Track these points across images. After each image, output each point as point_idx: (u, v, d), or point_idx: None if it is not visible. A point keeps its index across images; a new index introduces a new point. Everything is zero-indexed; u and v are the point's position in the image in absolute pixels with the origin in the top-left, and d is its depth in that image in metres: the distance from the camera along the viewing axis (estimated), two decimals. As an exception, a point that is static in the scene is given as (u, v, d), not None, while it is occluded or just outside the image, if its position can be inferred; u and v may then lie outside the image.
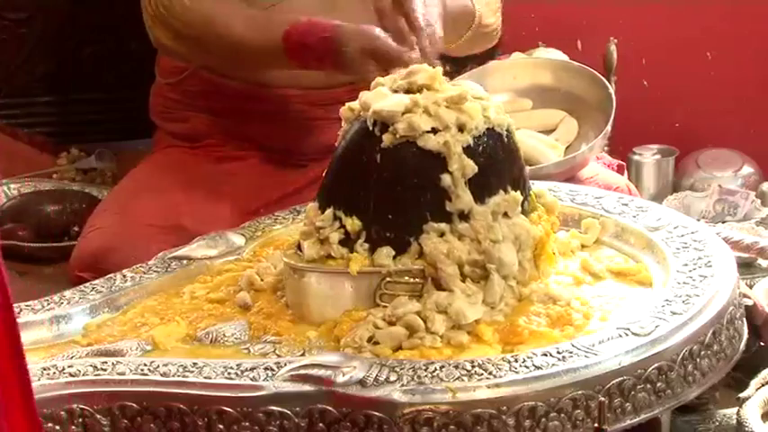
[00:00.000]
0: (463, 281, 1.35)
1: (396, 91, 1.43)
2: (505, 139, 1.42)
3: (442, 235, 1.36)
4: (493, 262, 1.35)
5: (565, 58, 2.45)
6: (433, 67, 1.48)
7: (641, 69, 3.01)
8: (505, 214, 1.39)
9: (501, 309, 1.35)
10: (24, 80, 2.73)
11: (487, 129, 1.40)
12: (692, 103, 3.01)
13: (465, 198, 1.36)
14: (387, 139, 1.37)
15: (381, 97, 1.41)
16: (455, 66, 2.16)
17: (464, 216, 1.37)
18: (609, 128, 1.89)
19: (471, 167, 1.36)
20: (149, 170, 2.01)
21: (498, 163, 1.40)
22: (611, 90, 1.96)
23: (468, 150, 1.37)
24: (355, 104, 1.45)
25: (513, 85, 2.06)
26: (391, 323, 1.32)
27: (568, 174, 1.86)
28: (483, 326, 1.32)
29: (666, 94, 3.02)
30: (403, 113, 1.37)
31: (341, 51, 1.69)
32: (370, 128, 1.39)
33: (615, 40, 2.74)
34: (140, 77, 2.18)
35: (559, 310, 1.35)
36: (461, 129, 1.37)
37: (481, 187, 1.38)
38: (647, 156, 2.95)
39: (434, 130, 1.37)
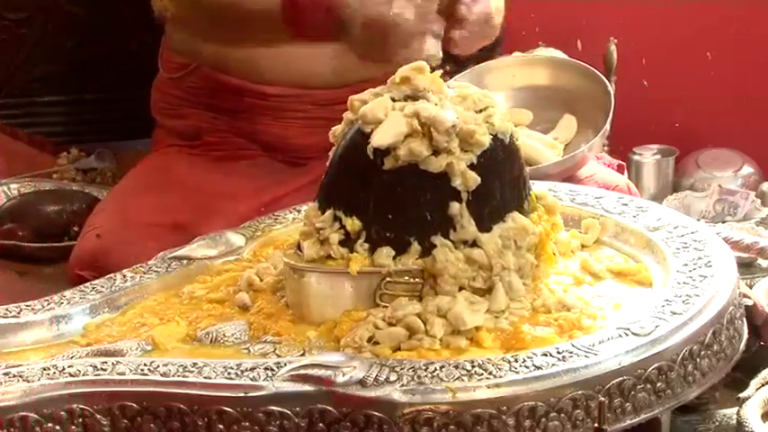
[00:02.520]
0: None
1: (394, 99, 1.41)
2: (507, 142, 1.42)
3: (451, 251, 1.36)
4: (502, 283, 1.36)
5: (564, 57, 2.45)
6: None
7: (641, 69, 3.01)
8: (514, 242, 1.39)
9: (506, 317, 1.35)
10: (24, 80, 2.73)
11: (491, 136, 1.40)
12: (692, 103, 3.01)
13: (470, 229, 1.37)
14: (388, 162, 1.37)
15: (377, 109, 1.39)
16: (455, 65, 2.16)
17: (471, 243, 1.37)
18: (608, 126, 1.89)
19: (474, 180, 1.36)
20: (149, 169, 2.01)
21: (498, 164, 1.40)
22: (610, 87, 1.96)
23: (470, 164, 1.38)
24: (339, 128, 1.44)
25: (511, 83, 2.06)
26: (391, 324, 1.32)
27: (568, 173, 1.86)
28: (483, 332, 1.32)
29: (666, 94, 3.02)
30: (404, 140, 1.36)
31: (342, 11, 1.55)
32: (371, 156, 1.37)
33: (615, 40, 2.74)
34: (140, 77, 2.19)
35: (571, 317, 1.34)
36: (465, 150, 1.37)
37: (483, 197, 1.38)
38: (647, 156, 2.95)
39: (436, 152, 1.37)
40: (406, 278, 1.36)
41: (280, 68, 1.93)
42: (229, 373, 1.25)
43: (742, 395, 1.45)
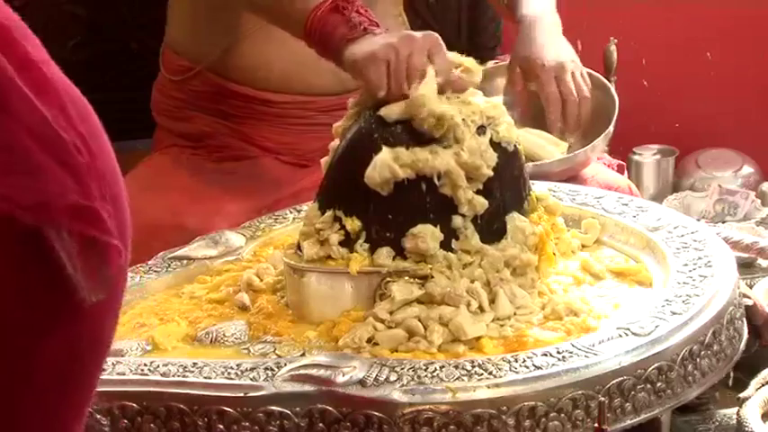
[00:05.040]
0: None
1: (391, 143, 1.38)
2: (510, 150, 1.42)
3: (450, 267, 1.36)
4: (504, 291, 1.36)
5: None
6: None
7: (641, 69, 3.01)
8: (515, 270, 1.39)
9: (512, 324, 1.35)
10: (25, 80, 2.72)
11: (496, 145, 1.40)
12: (692, 103, 3.01)
13: (473, 242, 1.37)
14: None
15: (383, 169, 1.36)
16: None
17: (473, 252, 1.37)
18: (611, 128, 1.89)
19: (482, 205, 1.37)
20: (150, 170, 2.01)
21: (499, 169, 1.40)
22: (614, 93, 1.96)
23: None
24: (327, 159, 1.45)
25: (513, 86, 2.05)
26: (391, 326, 1.32)
27: (570, 172, 1.85)
28: (485, 339, 1.31)
29: (666, 94, 3.02)
30: None
31: (366, 35, 1.50)
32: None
33: (615, 40, 2.74)
34: (140, 77, 2.18)
35: (577, 321, 1.34)
36: (472, 179, 1.38)
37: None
38: (647, 156, 2.95)
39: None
40: (406, 278, 1.36)
41: (284, 76, 1.93)
42: (229, 373, 1.25)
43: (742, 395, 1.45)
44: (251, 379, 1.23)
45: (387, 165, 1.36)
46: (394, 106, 1.39)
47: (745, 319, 1.42)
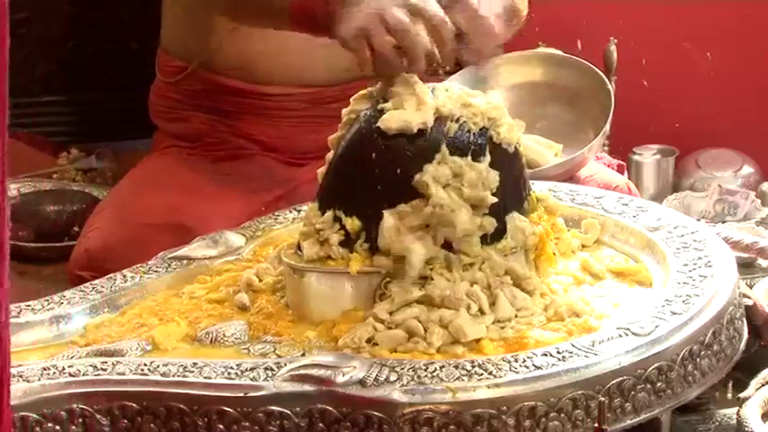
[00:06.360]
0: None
1: None
2: (511, 151, 1.42)
3: (450, 268, 1.36)
4: (504, 293, 1.36)
5: (562, 54, 2.44)
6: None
7: (641, 69, 3.01)
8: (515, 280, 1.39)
9: (513, 326, 1.34)
10: (24, 80, 2.73)
11: (496, 146, 1.40)
12: (692, 103, 3.01)
13: (474, 248, 1.37)
14: None
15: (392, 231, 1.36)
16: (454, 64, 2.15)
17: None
18: (608, 126, 1.89)
19: (491, 224, 1.37)
20: (149, 170, 2.01)
21: (499, 169, 1.40)
22: (609, 85, 1.95)
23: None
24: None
25: (509, 80, 2.05)
26: (391, 327, 1.32)
27: (568, 174, 1.85)
28: (485, 341, 1.31)
29: (666, 94, 3.02)
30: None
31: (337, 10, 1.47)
32: None
33: (615, 40, 2.75)
34: (140, 77, 2.19)
35: (579, 322, 1.34)
36: (475, 206, 1.37)
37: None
38: (647, 156, 2.95)
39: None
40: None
41: (275, 67, 1.93)
42: (229, 373, 1.25)
43: (742, 395, 1.45)
44: (251, 379, 1.24)
45: (393, 230, 1.36)
46: (392, 119, 1.38)
47: (745, 319, 1.42)
